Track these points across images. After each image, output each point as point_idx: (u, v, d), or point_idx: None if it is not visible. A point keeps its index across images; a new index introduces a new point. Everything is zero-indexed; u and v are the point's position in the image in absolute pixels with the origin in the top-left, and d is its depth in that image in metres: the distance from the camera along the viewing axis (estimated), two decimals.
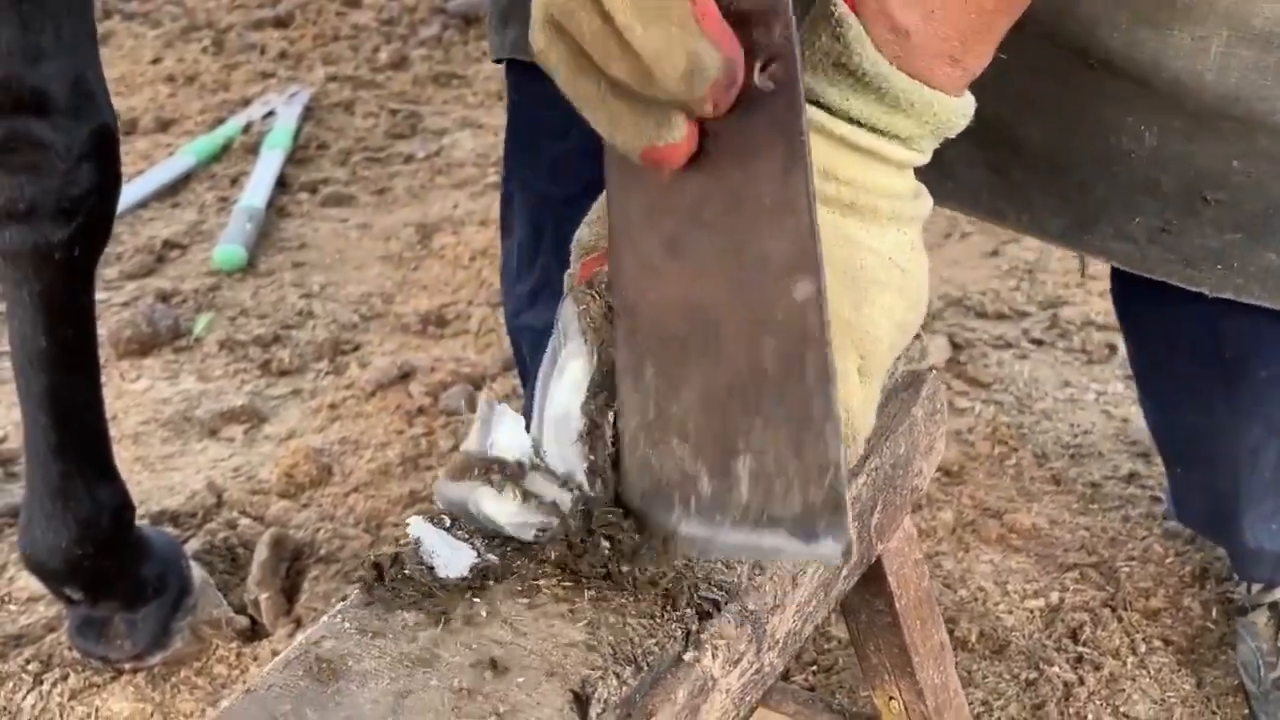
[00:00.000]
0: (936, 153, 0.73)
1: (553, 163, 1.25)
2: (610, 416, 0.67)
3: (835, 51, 0.68)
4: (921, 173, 0.74)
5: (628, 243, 0.67)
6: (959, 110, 0.70)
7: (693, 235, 0.65)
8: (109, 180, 1.23)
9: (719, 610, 0.64)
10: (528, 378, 1.43)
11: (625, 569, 0.64)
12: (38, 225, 1.19)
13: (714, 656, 0.62)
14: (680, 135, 0.61)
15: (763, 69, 0.61)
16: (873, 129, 0.69)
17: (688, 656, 0.62)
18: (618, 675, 0.59)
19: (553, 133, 1.22)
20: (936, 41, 0.68)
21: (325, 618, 0.63)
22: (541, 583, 0.64)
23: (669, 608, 0.63)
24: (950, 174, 1.03)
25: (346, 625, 0.62)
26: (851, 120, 0.69)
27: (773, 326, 0.63)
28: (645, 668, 0.60)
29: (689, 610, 0.63)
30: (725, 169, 0.63)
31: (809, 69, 0.69)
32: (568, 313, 0.70)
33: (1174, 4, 0.89)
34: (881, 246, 0.70)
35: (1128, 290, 1.26)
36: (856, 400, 0.70)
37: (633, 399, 0.67)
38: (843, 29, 0.68)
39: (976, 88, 0.73)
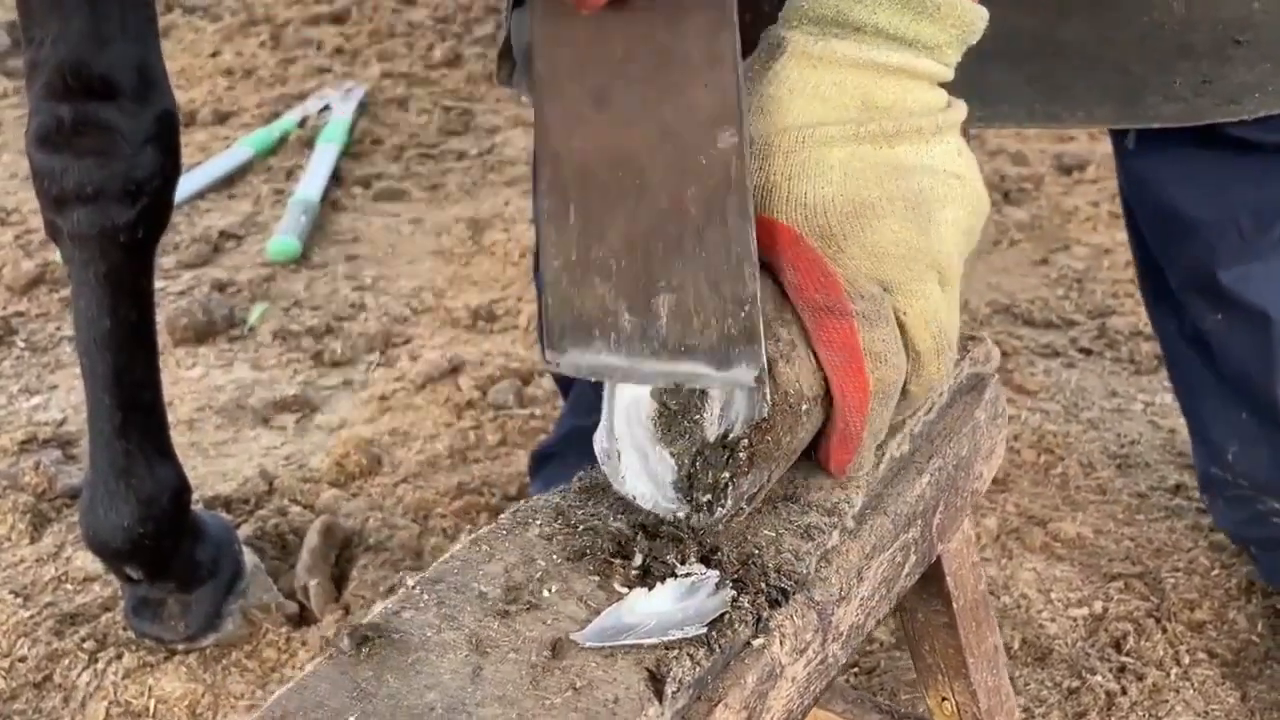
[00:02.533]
0: (983, 83, 0.77)
1: None
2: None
3: None
4: (975, 105, 0.78)
5: (554, 94, 0.71)
6: (979, 13, 0.73)
7: (620, 87, 0.69)
8: (171, 164, 1.26)
9: (787, 599, 0.65)
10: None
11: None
12: (104, 207, 1.22)
13: (782, 644, 0.64)
14: None
15: None
16: (901, 40, 0.71)
17: (757, 642, 0.63)
18: (691, 656, 0.60)
19: None
20: None
21: (401, 589, 0.65)
22: (617, 561, 0.65)
23: (740, 594, 0.64)
24: (1001, 98, 1.09)
25: (425, 598, 0.64)
26: (879, 32, 0.71)
27: (697, 173, 0.68)
28: (717, 650, 0.61)
29: (760, 597, 0.64)
30: (654, 26, 0.68)
31: None
32: None
33: None
34: (933, 162, 0.72)
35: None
36: (943, 311, 0.73)
37: (556, 242, 0.71)
38: None
39: (1013, 3, 0.76)
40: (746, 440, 0.68)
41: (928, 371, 0.73)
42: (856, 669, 1.42)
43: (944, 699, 0.94)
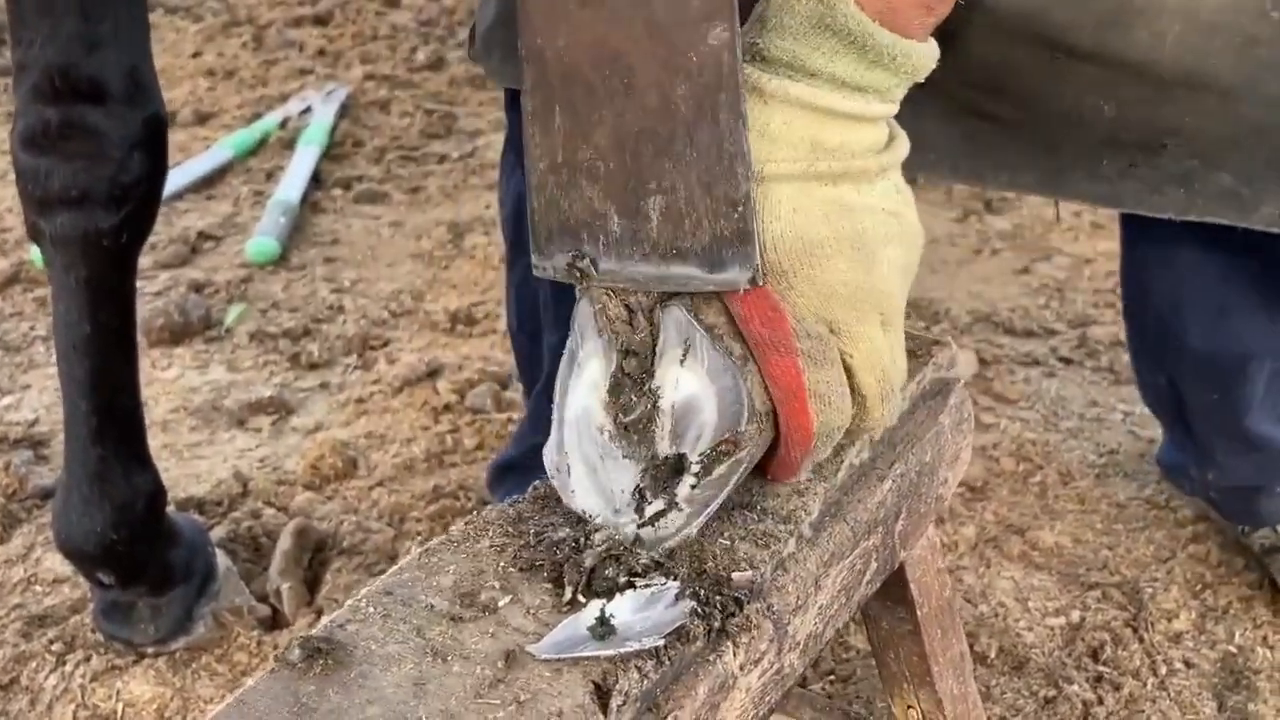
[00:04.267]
0: (916, 128, 0.77)
1: None
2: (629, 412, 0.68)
3: (819, 14, 0.69)
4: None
5: None
6: (930, 55, 0.73)
7: None
8: (157, 169, 1.24)
9: (741, 608, 0.64)
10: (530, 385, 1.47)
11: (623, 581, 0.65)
12: (89, 211, 1.21)
13: (735, 654, 0.63)
14: None
15: None
16: (854, 87, 0.71)
17: (709, 653, 0.62)
18: (639, 669, 0.59)
19: None
20: None
21: (350, 601, 0.64)
22: (569, 573, 0.64)
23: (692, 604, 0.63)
24: (930, 147, 1.08)
25: (371, 610, 0.63)
26: (833, 79, 0.71)
27: (687, 71, 0.66)
28: (666, 662, 0.60)
29: (713, 607, 0.63)
30: None
31: (790, 35, 0.70)
32: (584, 313, 0.70)
33: (1132, 5, 0.96)
34: (874, 201, 0.72)
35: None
36: (887, 355, 0.72)
37: (541, 143, 0.69)
38: None
39: (948, 72, 0.75)
40: (699, 456, 0.67)
41: (872, 416, 0.73)
42: (832, 676, 1.41)
43: (909, 707, 0.93)
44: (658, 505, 0.67)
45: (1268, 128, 1.01)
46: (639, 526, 0.67)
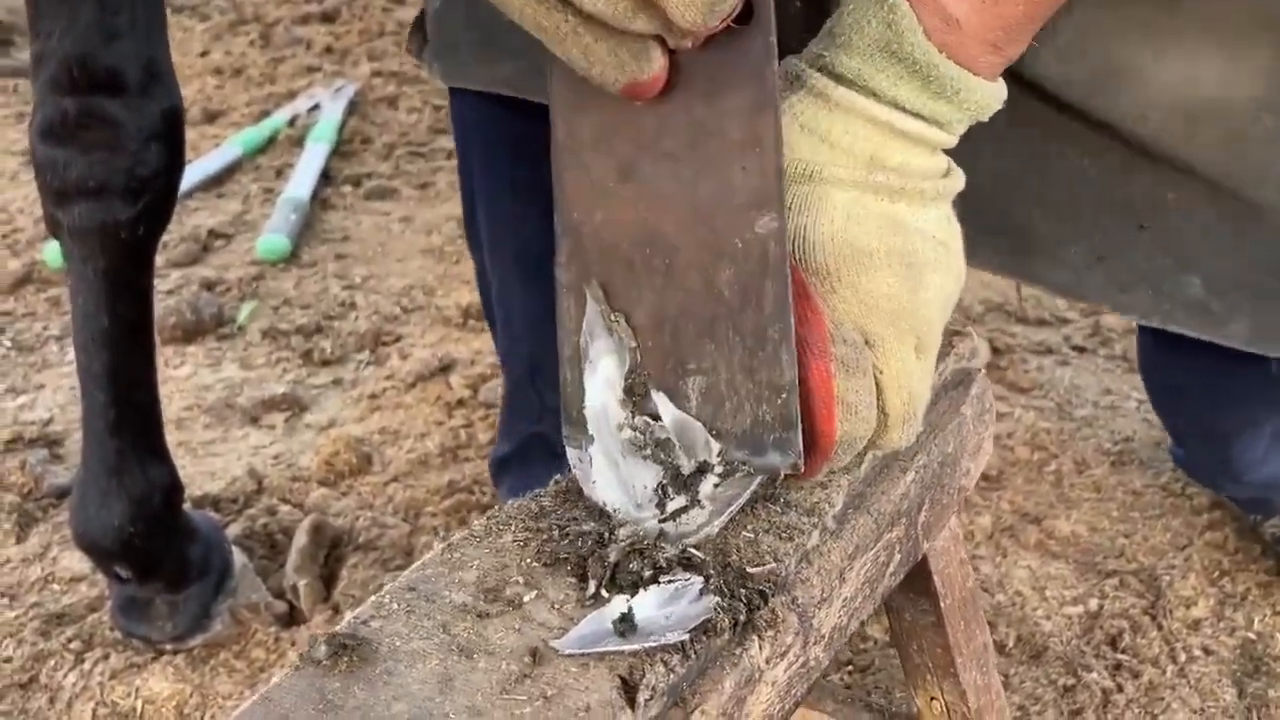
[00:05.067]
0: None
1: (513, 183, 1.28)
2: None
3: (886, 39, 0.69)
4: None
5: (576, 164, 0.67)
6: (996, 95, 0.72)
7: (650, 162, 0.65)
8: (175, 161, 1.24)
9: (766, 602, 0.64)
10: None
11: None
12: (107, 203, 1.20)
13: (761, 647, 0.62)
14: (659, 66, 0.62)
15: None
16: (916, 114, 0.71)
17: (735, 647, 0.62)
18: (665, 663, 0.59)
19: (510, 155, 1.25)
20: (984, 31, 0.69)
21: (373, 598, 0.64)
22: (593, 567, 0.64)
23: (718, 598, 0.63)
24: None
25: (394, 606, 0.62)
26: (897, 106, 0.70)
27: (732, 256, 0.65)
28: (693, 656, 0.60)
29: (737, 600, 0.63)
30: (691, 102, 0.64)
31: (858, 55, 0.69)
32: (592, 312, 0.70)
33: (1119, 70, 0.95)
34: (926, 226, 0.72)
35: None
36: (916, 379, 0.71)
37: (576, 315, 0.69)
38: (895, 16, 0.68)
39: None
40: (720, 458, 0.66)
41: (889, 437, 0.72)
42: (851, 667, 1.41)
43: (933, 698, 0.93)
44: (680, 501, 0.67)
45: (1249, 231, 0.98)
46: (660, 521, 0.67)
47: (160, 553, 1.36)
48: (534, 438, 1.45)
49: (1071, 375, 1.94)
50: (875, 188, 0.70)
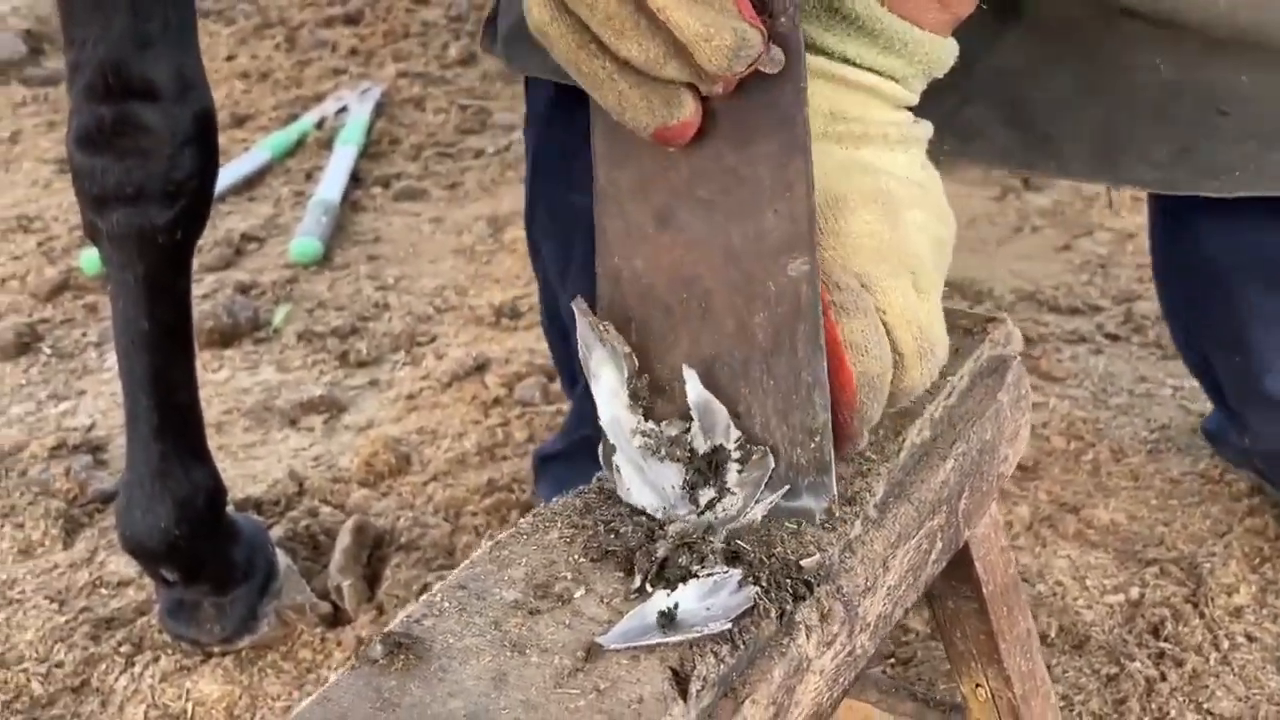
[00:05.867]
0: (962, 117, 0.77)
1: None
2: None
3: None
4: (949, 139, 0.78)
5: (615, 212, 0.69)
6: (947, 50, 0.73)
7: (684, 209, 0.67)
8: (209, 164, 1.26)
9: (812, 591, 0.65)
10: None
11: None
12: (144, 208, 1.22)
13: (808, 637, 0.63)
14: (690, 113, 0.63)
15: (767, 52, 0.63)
16: (870, 69, 0.72)
17: (782, 637, 0.63)
18: (715, 653, 0.60)
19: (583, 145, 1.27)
20: None
21: (424, 596, 0.65)
22: (640, 561, 0.65)
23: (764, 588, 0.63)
24: (977, 134, 1.07)
25: (446, 604, 0.63)
26: (848, 61, 0.72)
27: (765, 299, 0.66)
28: (742, 646, 0.61)
29: (783, 591, 0.63)
30: (722, 149, 0.66)
31: (806, 15, 0.71)
32: (583, 326, 0.71)
33: None
34: (896, 169, 0.73)
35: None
36: (922, 314, 0.72)
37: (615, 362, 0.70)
38: None
39: (998, 43, 0.76)
40: (735, 443, 0.68)
41: (910, 375, 0.73)
42: (893, 659, 1.41)
43: (978, 686, 0.93)
44: (709, 493, 0.68)
45: None
46: (699, 515, 0.68)
47: (205, 555, 1.37)
48: (585, 440, 1.46)
49: (1105, 363, 1.94)
50: (838, 136, 0.71)
